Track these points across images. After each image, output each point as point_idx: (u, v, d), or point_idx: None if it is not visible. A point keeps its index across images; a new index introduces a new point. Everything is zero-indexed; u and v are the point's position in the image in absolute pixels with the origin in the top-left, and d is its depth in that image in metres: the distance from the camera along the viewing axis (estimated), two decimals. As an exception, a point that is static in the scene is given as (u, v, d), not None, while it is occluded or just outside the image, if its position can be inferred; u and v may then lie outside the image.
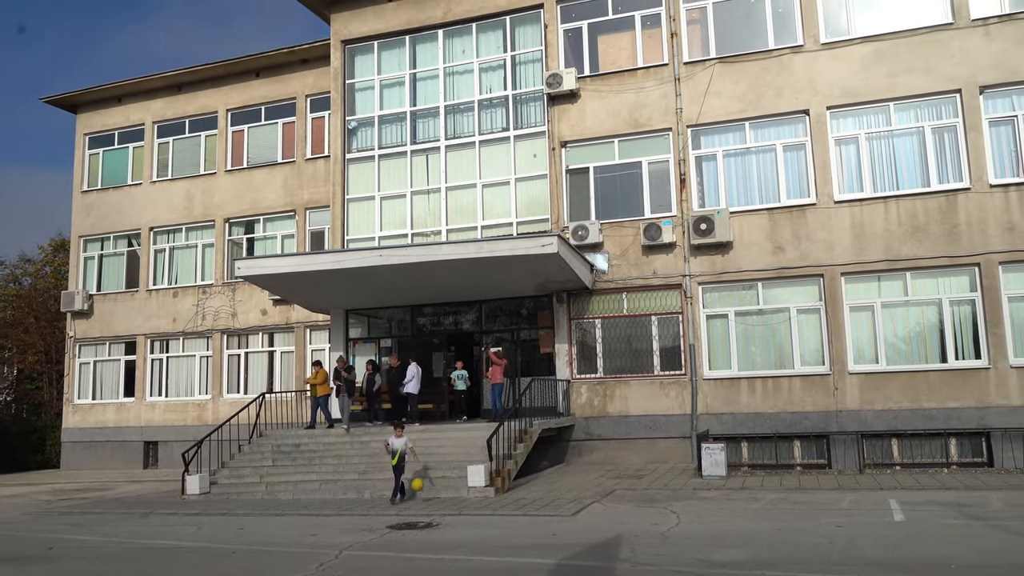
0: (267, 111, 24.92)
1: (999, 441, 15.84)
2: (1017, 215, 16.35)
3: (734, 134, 18.50)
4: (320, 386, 18.43)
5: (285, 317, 23.64)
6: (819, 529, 10.47)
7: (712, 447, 15.71)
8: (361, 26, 21.62)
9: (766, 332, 17.75)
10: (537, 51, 20.11)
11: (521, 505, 13.31)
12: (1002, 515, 11.01)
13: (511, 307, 19.92)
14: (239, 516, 13.95)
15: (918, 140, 17.33)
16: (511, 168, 19.93)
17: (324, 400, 18.52)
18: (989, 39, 16.95)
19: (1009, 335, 16.21)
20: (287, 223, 24.28)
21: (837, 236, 17.33)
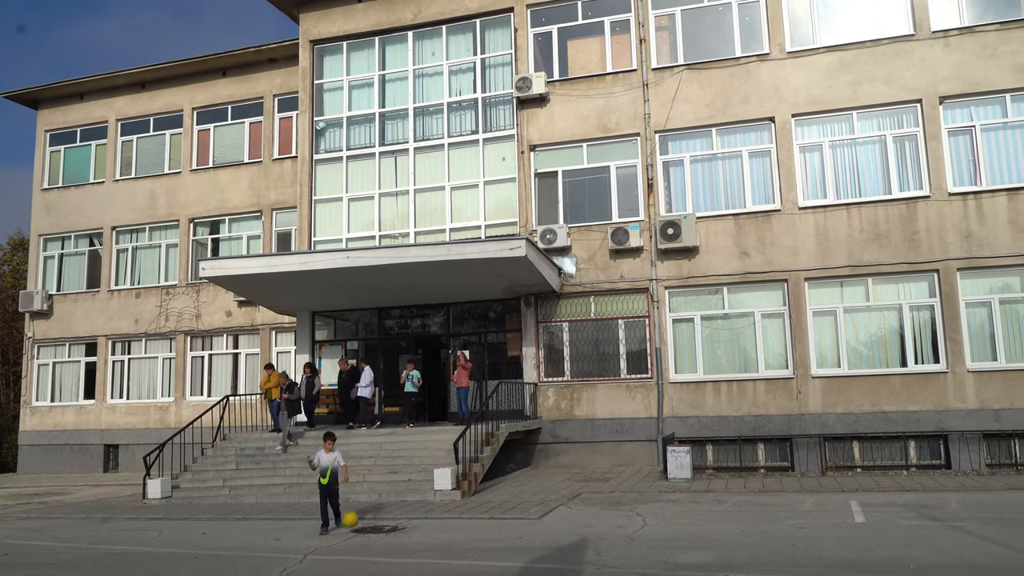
0: (234, 110, 24.65)
1: (956, 443, 16.17)
2: (974, 223, 16.72)
3: (701, 140, 18.69)
4: (274, 389, 18.13)
5: (250, 319, 23.39)
6: (782, 531, 10.60)
7: (677, 450, 15.85)
8: (330, 26, 21.50)
9: (731, 336, 17.94)
10: (507, 54, 20.15)
11: (488, 508, 13.30)
12: (959, 516, 11.24)
13: (479, 310, 19.92)
14: (202, 520, 13.77)
15: (880, 148, 17.65)
16: (480, 171, 19.94)
17: (277, 405, 18.08)
18: (949, 51, 17.33)
19: (966, 340, 16.56)
20: (253, 224, 24.04)
21: (801, 242, 17.59)
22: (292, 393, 17.76)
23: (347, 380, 18.42)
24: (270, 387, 18.23)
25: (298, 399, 17.98)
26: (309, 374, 18.60)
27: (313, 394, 18.57)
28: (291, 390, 17.78)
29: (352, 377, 18.41)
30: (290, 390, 17.76)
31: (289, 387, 17.80)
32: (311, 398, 18.57)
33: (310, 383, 18.52)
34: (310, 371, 18.66)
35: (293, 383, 18.03)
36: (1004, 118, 17.03)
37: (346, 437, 17.06)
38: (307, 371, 18.65)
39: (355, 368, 18.72)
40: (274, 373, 18.42)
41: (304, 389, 18.47)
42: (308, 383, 18.51)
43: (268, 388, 18.29)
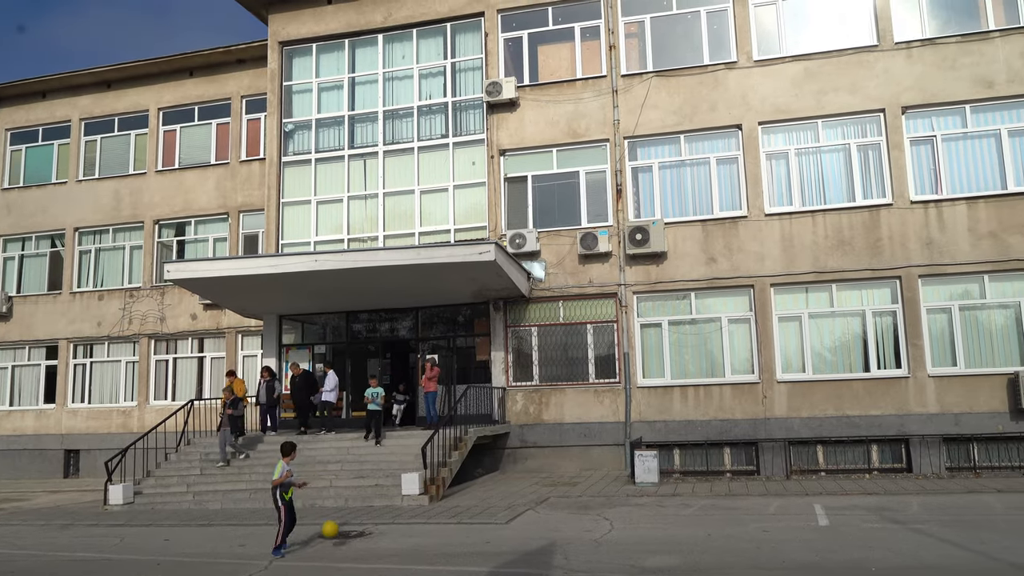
0: (201, 111, 24.37)
1: (917, 447, 16.45)
2: (935, 231, 17.04)
3: (670, 146, 18.85)
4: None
5: (216, 322, 23.11)
6: (747, 534, 10.71)
7: (645, 454, 15.94)
8: (299, 28, 21.36)
9: (698, 341, 18.09)
10: (477, 59, 20.17)
11: (455, 513, 13.27)
12: (920, 518, 11.44)
13: (448, 314, 19.87)
14: (165, 527, 13.57)
15: (844, 157, 17.93)
16: (449, 175, 19.92)
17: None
18: (911, 62, 17.66)
19: (927, 345, 16.86)
20: (220, 226, 23.77)
21: (767, 248, 17.80)
22: (236, 409, 17.04)
23: (301, 384, 18.14)
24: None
25: (241, 415, 17.28)
26: (268, 378, 18.36)
27: (274, 398, 18.32)
28: (235, 406, 17.04)
29: (306, 382, 18.17)
30: (234, 406, 17.03)
31: (233, 402, 17.06)
32: (272, 402, 18.32)
33: (270, 387, 18.31)
34: (269, 375, 18.43)
35: (237, 399, 17.21)
36: (964, 128, 17.39)
37: (312, 442, 16.96)
38: (266, 375, 18.41)
39: (309, 372, 18.53)
40: (236, 380, 18.12)
41: (264, 394, 18.23)
42: (268, 388, 18.29)
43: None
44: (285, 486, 10.65)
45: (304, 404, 18.18)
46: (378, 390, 16.93)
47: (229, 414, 16.95)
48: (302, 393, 18.11)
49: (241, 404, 17.35)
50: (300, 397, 18.16)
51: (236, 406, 17.09)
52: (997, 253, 16.70)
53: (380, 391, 16.97)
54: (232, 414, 16.97)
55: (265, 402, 18.26)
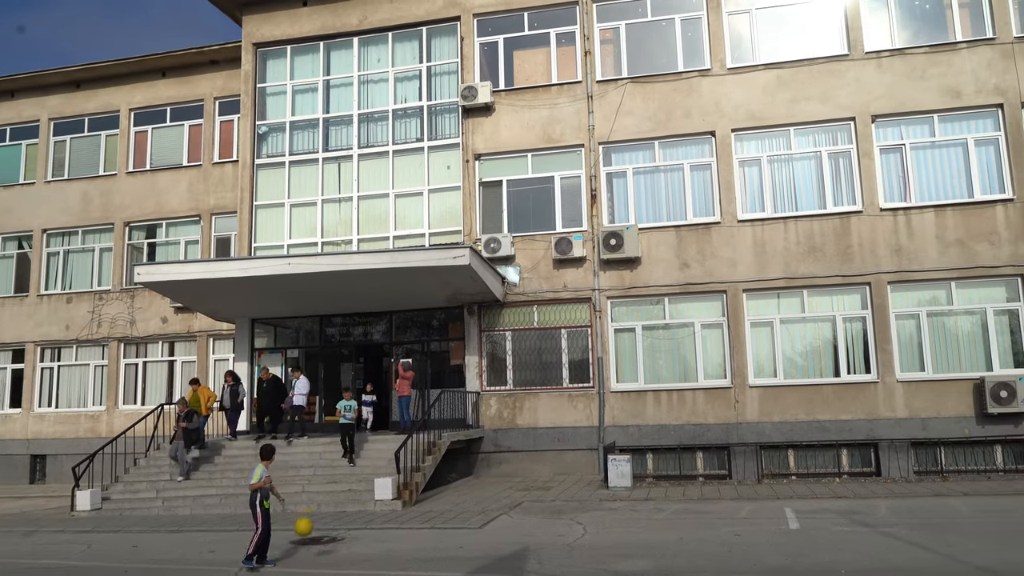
0: (173, 112, 24.12)
1: (886, 451, 16.67)
2: (904, 237, 17.30)
3: (644, 152, 18.96)
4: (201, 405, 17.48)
5: (187, 325, 22.86)
6: (719, 538, 10.78)
7: (618, 459, 16.00)
8: (274, 30, 21.23)
9: (672, 346, 18.20)
10: (453, 63, 20.17)
11: (429, 518, 13.22)
12: (888, 522, 11.58)
13: (422, 318, 19.82)
14: (133, 533, 13.38)
15: (816, 164, 18.14)
16: (424, 179, 19.88)
17: (203, 421, 17.48)
18: (881, 71, 17.93)
19: (896, 351, 17.10)
20: (192, 228, 23.53)
21: (740, 254, 17.95)
22: (191, 422, 16.63)
23: (269, 389, 17.83)
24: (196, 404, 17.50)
25: (196, 428, 16.93)
26: (232, 383, 18.11)
27: (237, 403, 18.05)
28: (190, 418, 16.63)
29: (274, 387, 17.86)
30: (189, 418, 16.62)
31: (188, 415, 16.65)
32: (235, 407, 18.07)
33: (234, 392, 18.04)
34: (233, 380, 18.19)
35: (192, 411, 16.85)
36: (932, 137, 17.67)
37: (283, 447, 16.80)
38: (230, 380, 18.18)
39: (277, 378, 18.25)
40: (201, 388, 17.78)
41: (228, 398, 17.95)
42: (232, 392, 18.02)
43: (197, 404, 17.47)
44: (264, 493, 10.13)
45: (273, 409, 17.84)
46: (351, 403, 16.22)
47: (183, 427, 16.54)
48: (271, 398, 17.80)
49: (196, 416, 16.91)
50: (269, 402, 17.84)
51: (191, 419, 16.67)
52: (964, 260, 16.99)
53: (353, 404, 16.25)
54: (187, 427, 16.55)
55: (229, 407, 18.01)
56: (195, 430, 16.81)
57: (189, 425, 16.60)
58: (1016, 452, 16.40)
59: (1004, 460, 16.43)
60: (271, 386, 17.88)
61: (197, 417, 17.01)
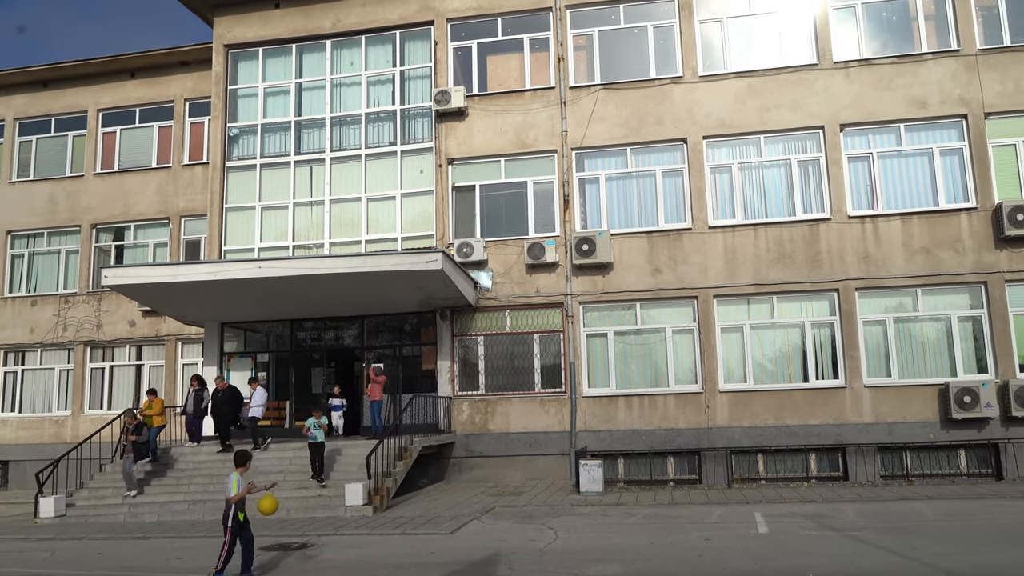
0: (142, 113, 23.83)
1: (853, 456, 16.88)
2: (872, 245, 17.55)
3: (616, 158, 19.07)
4: (156, 416, 16.98)
5: (155, 329, 22.56)
6: (690, 542, 10.84)
7: (590, 464, 16.05)
8: (246, 31, 21.07)
9: (643, 351, 18.30)
10: (426, 67, 20.15)
11: (400, 523, 13.16)
12: (855, 526, 11.72)
13: (394, 323, 19.74)
14: (98, 540, 13.16)
15: (785, 172, 18.36)
16: (397, 183, 19.83)
17: (156, 432, 16.90)
18: (849, 81, 18.20)
19: (863, 357, 17.33)
20: (160, 231, 23.24)
21: (711, 260, 18.11)
22: (140, 435, 15.99)
23: (224, 399, 17.18)
24: (151, 415, 16.96)
25: (147, 441, 16.27)
26: (197, 388, 17.69)
27: (202, 408, 17.61)
28: (139, 431, 15.98)
29: (230, 396, 17.27)
30: (138, 431, 15.95)
31: (137, 427, 15.99)
32: (199, 412, 17.64)
33: (199, 397, 17.60)
34: (199, 384, 17.77)
35: (141, 423, 16.21)
36: (899, 147, 17.97)
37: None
38: (195, 384, 17.76)
39: (233, 387, 17.72)
40: (156, 400, 17.23)
41: (192, 404, 17.58)
42: (196, 397, 17.60)
43: (148, 416, 16.92)
44: (240, 504, 9.42)
45: (227, 420, 17.17)
46: (320, 420, 15.34)
47: (132, 440, 15.88)
48: (225, 408, 17.14)
49: (145, 429, 16.33)
50: (223, 412, 17.16)
51: (140, 431, 16.06)
52: (929, 267, 17.28)
53: (323, 421, 15.47)
54: (136, 440, 15.91)
55: (192, 412, 17.63)
56: (144, 443, 16.24)
57: (139, 438, 16.00)
58: (979, 456, 16.69)
59: (968, 464, 16.72)
60: (227, 396, 17.26)
61: (146, 430, 16.42)
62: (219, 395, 17.33)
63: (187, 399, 17.92)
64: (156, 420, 17.06)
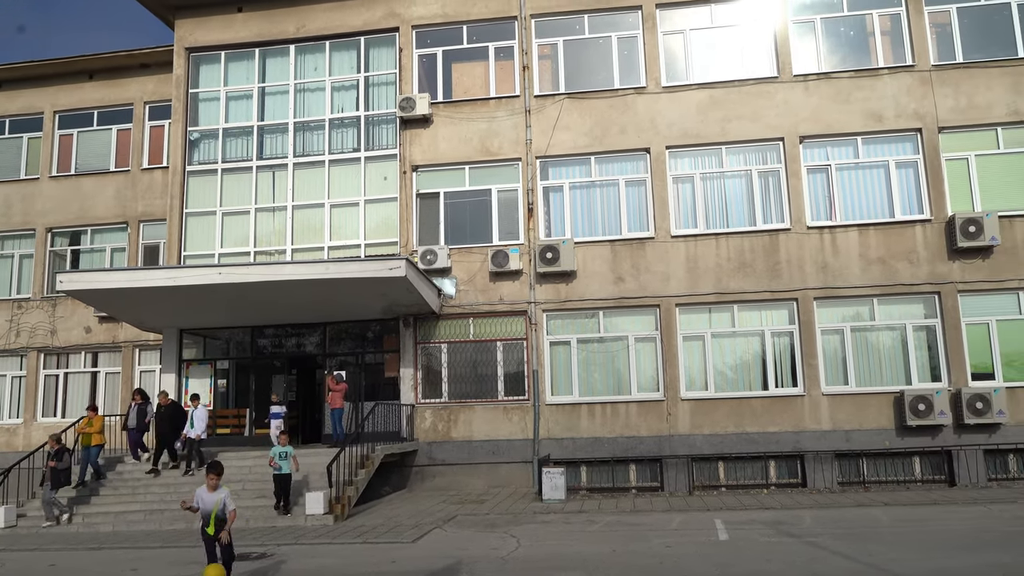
0: (100, 116, 23.44)
1: (812, 463, 17.12)
2: (829, 255, 17.86)
3: (580, 167, 19.17)
4: (96, 435, 16.28)
5: (112, 335, 22.15)
6: (651, 550, 10.90)
7: (552, 471, 16.07)
8: (207, 35, 20.83)
9: (606, 359, 18.39)
10: (391, 74, 20.10)
11: (361, 532, 13.05)
12: (813, 532, 11.89)
13: (356, 330, 19.60)
14: (51, 551, 12.87)
15: (746, 182, 18.62)
16: (361, 189, 19.73)
17: (98, 451, 16.30)
18: (808, 94, 18.53)
19: (822, 365, 17.61)
20: (118, 235, 22.85)
21: (673, 269, 18.28)
22: (61, 461, 15.17)
23: (167, 415, 16.74)
24: (90, 432, 16.26)
25: (67, 468, 15.51)
26: (140, 401, 17.18)
27: (145, 423, 17.05)
28: (60, 457, 15.15)
29: (174, 412, 16.83)
30: (59, 457, 15.13)
31: (58, 453, 15.16)
32: (142, 427, 17.08)
33: (142, 411, 17.09)
34: (141, 398, 17.26)
35: (64, 448, 15.44)
36: (856, 159, 18.33)
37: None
38: (137, 398, 17.26)
39: (176, 403, 17.33)
40: (97, 417, 16.50)
41: (135, 418, 17.03)
42: (140, 411, 17.08)
43: (87, 433, 16.27)
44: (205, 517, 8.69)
45: (169, 438, 16.73)
46: (287, 449, 14.48)
47: (52, 466, 15.04)
48: (168, 424, 16.70)
49: (67, 455, 15.56)
50: (166, 429, 16.71)
51: (61, 457, 15.21)
52: (885, 278, 17.62)
53: (289, 451, 14.47)
54: (55, 467, 15.04)
55: (135, 427, 17.05)
56: (64, 471, 15.35)
57: (58, 465, 15.12)
58: (933, 463, 17.04)
59: (922, 471, 17.06)
60: (169, 413, 16.80)
61: (68, 455, 15.65)
62: (161, 411, 16.83)
63: (129, 413, 17.36)
64: (95, 438, 16.33)
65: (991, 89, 17.99)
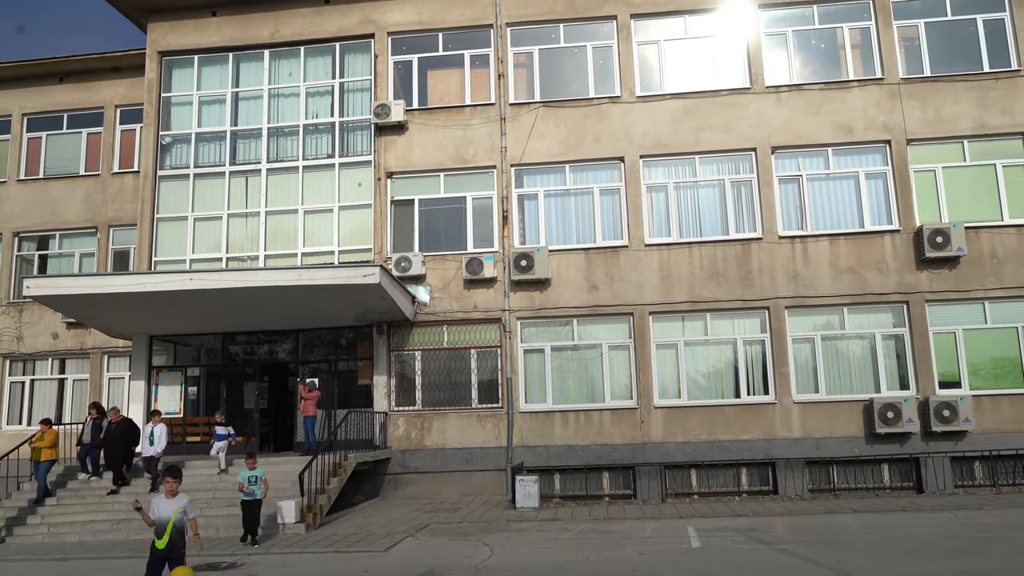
0: (70, 119, 23.12)
1: (783, 470, 17.27)
2: (800, 264, 18.06)
3: (555, 175, 19.24)
4: (47, 450, 15.75)
5: (80, 342, 21.81)
6: (624, 557, 10.93)
7: (526, 479, 16.06)
8: (181, 39, 20.66)
9: (580, 367, 18.43)
10: (366, 80, 20.05)
11: (333, 541, 12.95)
12: (783, 539, 11.99)
13: (330, 337, 19.49)
14: (15, 561, 12.62)
15: (719, 192, 18.79)
16: (335, 196, 19.64)
17: (47, 466, 15.79)
18: (780, 105, 18.76)
19: (793, 373, 17.79)
20: (87, 240, 22.53)
21: (646, 277, 18.38)
22: None
23: (117, 432, 15.93)
24: (41, 447, 15.79)
25: None
26: (96, 416, 16.57)
27: (100, 438, 16.27)
28: None
29: (126, 430, 16.05)
30: None
31: None
32: (97, 443, 16.32)
33: (96, 426, 16.41)
34: (97, 413, 16.66)
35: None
36: (827, 170, 18.57)
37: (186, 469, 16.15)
38: (93, 413, 16.67)
39: (129, 420, 16.54)
40: (50, 431, 15.98)
41: (90, 433, 16.41)
42: (95, 426, 16.42)
43: (39, 448, 15.82)
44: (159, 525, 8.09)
45: (120, 456, 15.88)
46: (257, 473, 13.12)
47: None
48: (119, 442, 15.89)
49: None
50: (117, 447, 15.86)
51: None
52: (855, 287, 17.86)
53: (260, 474, 13.12)
54: None
55: (89, 442, 16.40)
56: None
57: None
58: (901, 470, 17.27)
59: (891, 478, 17.28)
60: (121, 430, 16.01)
61: None
62: (112, 428, 16.09)
63: (84, 428, 16.75)
64: (46, 453, 15.83)
65: (958, 103, 18.33)
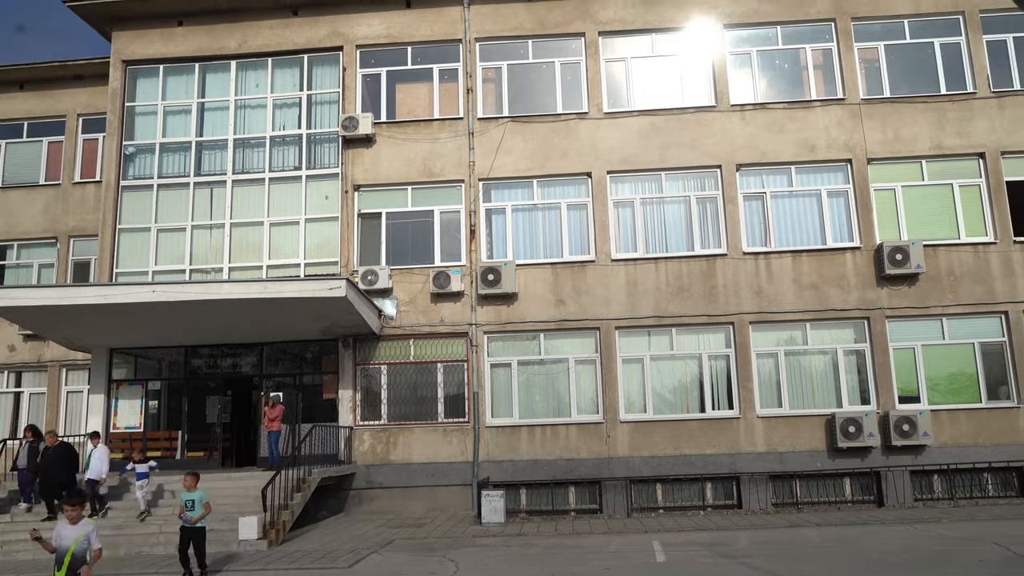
0: (31, 127, 22.73)
1: (747, 484, 17.41)
2: (764, 280, 18.30)
3: (523, 190, 19.31)
4: None
5: (37, 354, 21.36)
6: (590, 572, 10.93)
7: (492, 494, 16.01)
8: (145, 48, 20.43)
9: (546, 381, 18.45)
10: (334, 93, 19.98)
11: (296, 558, 12.78)
12: (748, 552, 12.07)
13: (294, 350, 19.29)
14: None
15: (685, 208, 18.98)
16: (302, 208, 19.50)
17: None
18: (744, 123, 19.04)
19: (757, 388, 17.97)
20: (47, 251, 22.11)
21: (613, 292, 18.48)
22: None
23: (55, 458, 14.77)
24: None
25: None
26: (32, 439, 15.54)
27: (37, 462, 15.19)
28: None
29: (63, 455, 14.92)
30: None
31: None
32: (34, 467, 15.22)
33: (33, 450, 15.34)
34: (33, 435, 15.66)
35: None
36: (790, 187, 18.86)
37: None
38: (29, 436, 15.65)
39: (67, 444, 15.38)
40: None
41: (26, 457, 15.39)
42: (31, 450, 15.35)
43: None
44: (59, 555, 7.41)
45: (57, 484, 14.45)
46: (197, 495, 11.42)
47: None
48: (57, 469, 14.68)
49: None
50: (55, 473, 14.63)
51: None
52: (817, 303, 18.12)
53: (201, 496, 11.44)
54: None
55: (26, 467, 15.41)
56: None
57: None
58: (863, 484, 17.50)
59: (852, 492, 17.50)
60: (59, 455, 14.86)
61: None
62: (49, 453, 14.96)
63: (19, 452, 15.90)
64: None
65: (916, 123, 18.75)
